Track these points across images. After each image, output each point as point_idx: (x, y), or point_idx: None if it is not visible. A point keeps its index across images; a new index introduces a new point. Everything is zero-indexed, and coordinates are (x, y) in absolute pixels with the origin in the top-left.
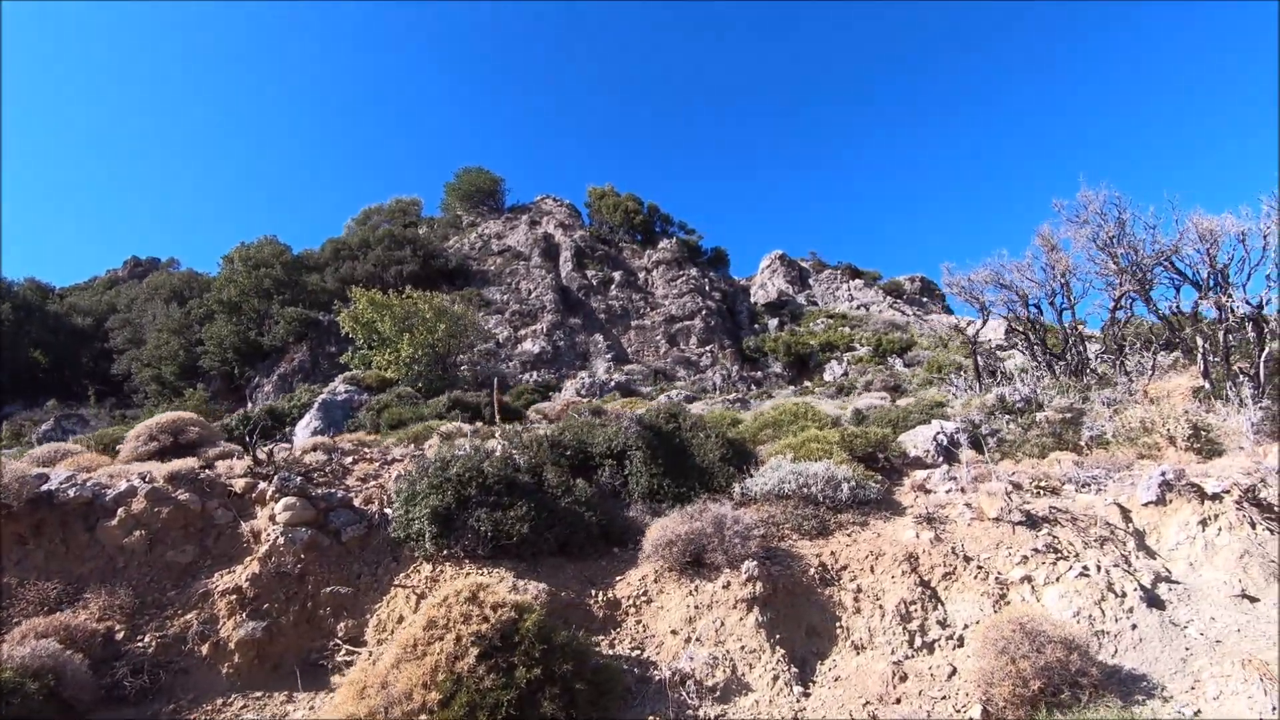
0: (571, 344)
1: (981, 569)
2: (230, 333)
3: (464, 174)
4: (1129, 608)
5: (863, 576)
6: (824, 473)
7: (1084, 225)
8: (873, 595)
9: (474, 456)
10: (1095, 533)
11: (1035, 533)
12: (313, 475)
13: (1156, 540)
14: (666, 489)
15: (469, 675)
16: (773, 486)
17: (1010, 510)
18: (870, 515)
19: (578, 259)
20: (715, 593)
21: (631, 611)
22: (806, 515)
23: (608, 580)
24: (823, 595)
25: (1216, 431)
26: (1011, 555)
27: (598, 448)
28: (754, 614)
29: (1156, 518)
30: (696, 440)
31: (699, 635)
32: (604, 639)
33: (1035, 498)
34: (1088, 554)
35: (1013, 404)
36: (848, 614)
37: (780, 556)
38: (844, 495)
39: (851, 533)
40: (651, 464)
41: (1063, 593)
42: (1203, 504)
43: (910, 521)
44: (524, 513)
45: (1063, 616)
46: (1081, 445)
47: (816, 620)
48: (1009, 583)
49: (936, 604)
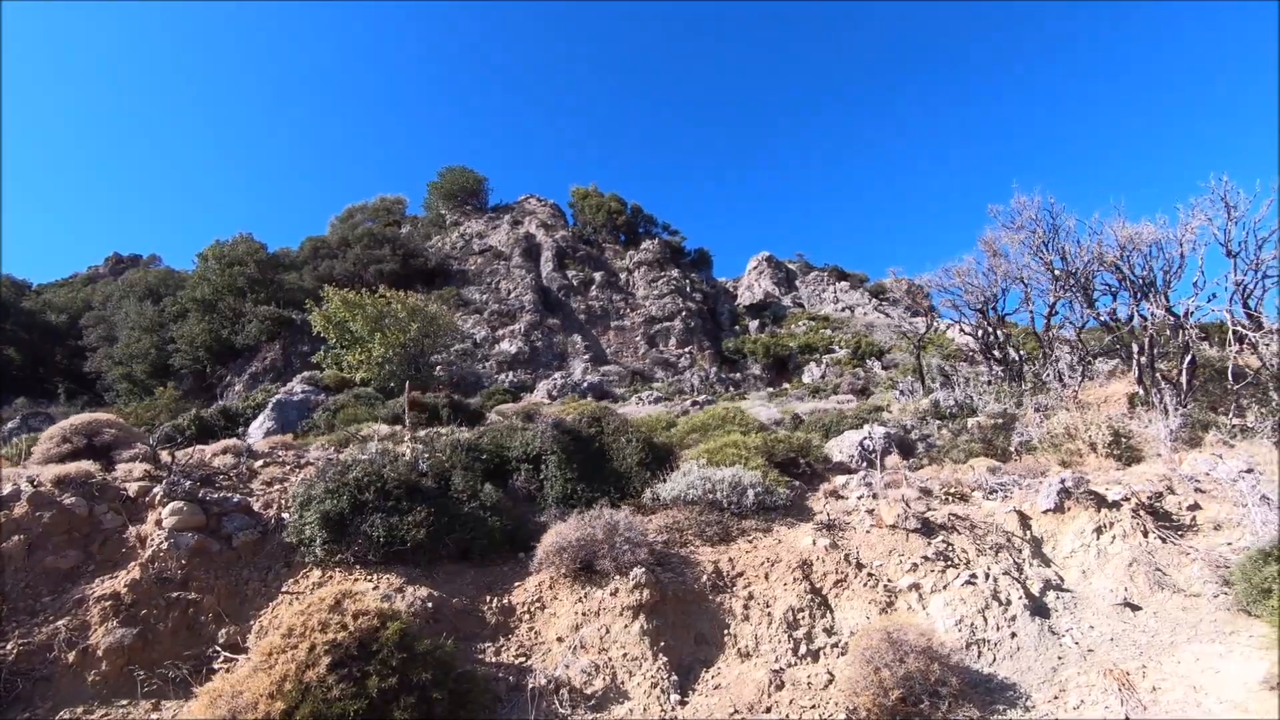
0: (549, 344)
1: (872, 576)
2: (202, 331)
3: (447, 173)
4: (1011, 616)
5: (757, 584)
6: (730, 479)
7: (1019, 230)
8: (764, 603)
9: (376, 461)
10: (991, 540)
11: (929, 540)
12: (215, 479)
13: (1053, 548)
14: (580, 494)
15: (318, 685)
16: (679, 492)
17: (906, 517)
18: (776, 521)
19: (559, 259)
20: (603, 600)
21: (525, 618)
22: (710, 521)
23: (506, 586)
24: (714, 602)
25: (1137, 438)
26: (903, 563)
27: (514, 452)
28: (639, 621)
29: (1055, 525)
30: (617, 445)
31: (584, 642)
32: (491, 646)
33: (943, 504)
34: (980, 561)
35: (946, 409)
36: (737, 621)
37: (675, 563)
38: (749, 501)
39: (753, 539)
40: (566, 468)
41: (947, 601)
42: (1099, 512)
43: (811, 529)
44: (422, 518)
45: (945, 625)
46: (1011, 451)
47: (706, 628)
48: (897, 590)
49: (826, 611)
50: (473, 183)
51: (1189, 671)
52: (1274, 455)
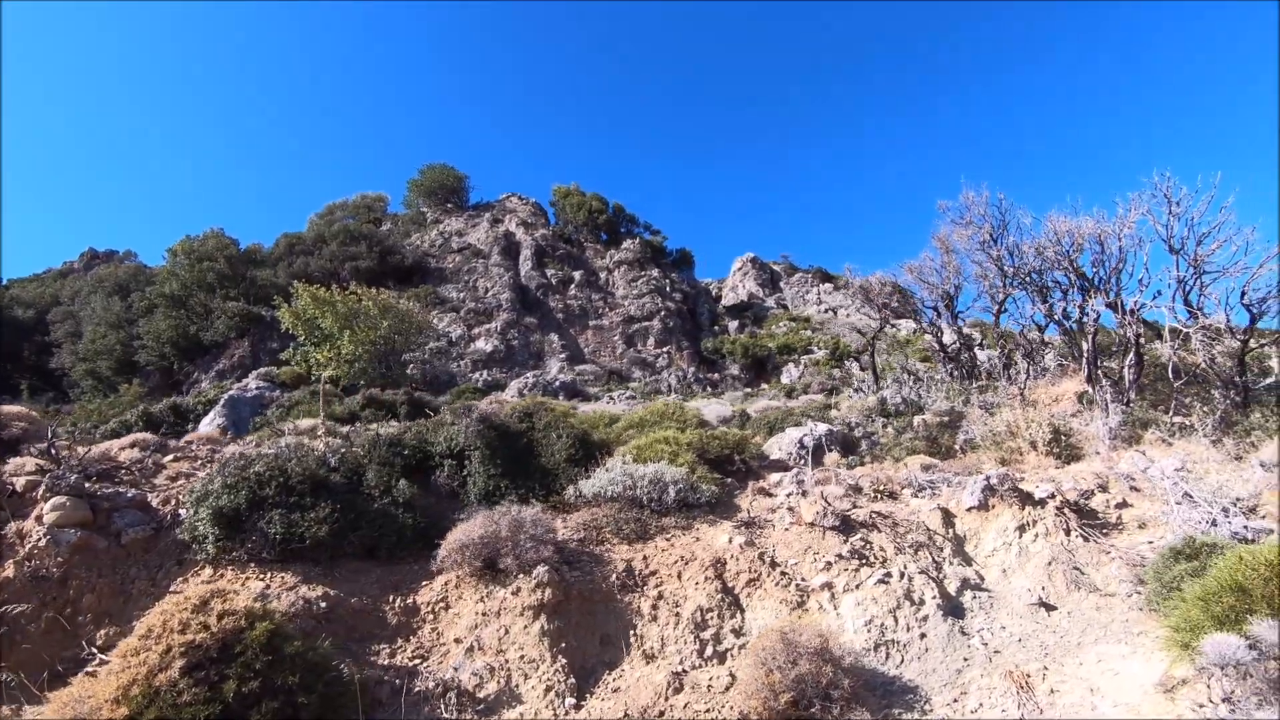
0: (526, 343)
1: (786, 575)
2: (168, 327)
3: (428, 170)
4: (923, 616)
5: (669, 583)
6: (653, 475)
7: (968, 226)
8: (673, 602)
9: (282, 455)
10: (912, 538)
11: (846, 538)
12: (117, 474)
13: (975, 546)
14: (504, 490)
15: (168, 689)
16: (600, 489)
17: (825, 515)
18: (698, 519)
19: (538, 258)
20: (505, 599)
21: (429, 619)
22: (628, 519)
23: (413, 585)
24: (622, 602)
25: (1077, 436)
26: (817, 561)
27: (438, 447)
28: (540, 622)
29: (978, 523)
30: (548, 440)
31: (482, 644)
32: (387, 648)
33: (871, 501)
34: (897, 560)
35: (893, 407)
36: (644, 622)
37: (586, 562)
38: (670, 498)
39: (671, 537)
40: (489, 464)
41: (859, 601)
42: (1023, 510)
43: (730, 527)
44: (325, 515)
45: (854, 625)
46: (956, 449)
47: (613, 628)
48: (810, 590)
49: (737, 611)
50: (453, 180)
51: (1090, 673)
52: (1209, 453)
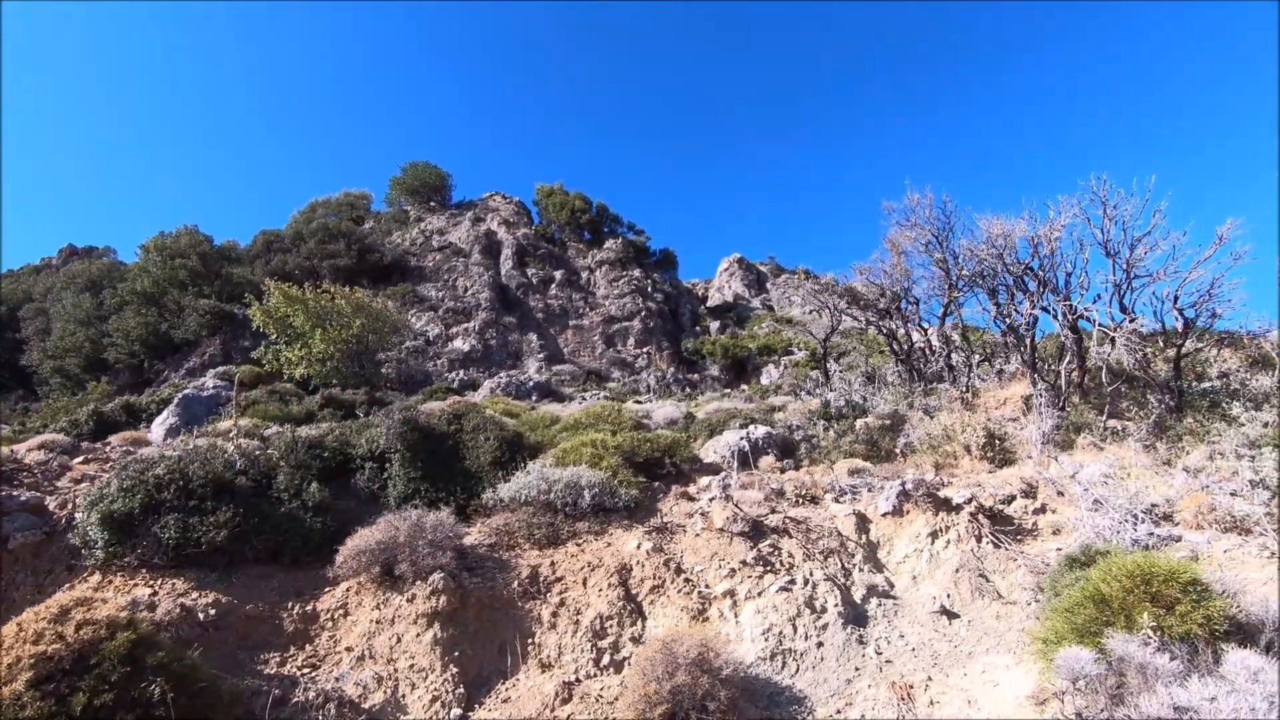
0: (504, 343)
1: (690, 582)
2: (138, 325)
3: (410, 168)
4: (823, 624)
5: (574, 590)
6: (568, 479)
7: (914, 228)
8: (575, 610)
9: (185, 458)
10: (824, 544)
11: (755, 545)
12: (18, 476)
13: (888, 552)
14: (424, 493)
15: (11, 703)
16: (515, 493)
17: (735, 520)
18: (614, 524)
19: (519, 257)
20: (400, 606)
21: (328, 626)
22: (541, 523)
23: (316, 591)
24: (523, 609)
25: (1012, 441)
26: (722, 568)
27: (360, 449)
28: (433, 630)
29: (892, 529)
30: (475, 443)
31: (373, 652)
32: (278, 656)
33: (793, 506)
34: (804, 567)
35: (836, 410)
36: (543, 629)
37: (490, 568)
38: (585, 503)
39: (583, 542)
40: (410, 467)
41: (759, 609)
42: (937, 515)
43: (642, 532)
44: (226, 519)
45: (752, 634)
46: (896, 452)
47: (512, 636)
48: (712, 597)
49: (638, 619)
50: (435, 178)
51: (972, 684)
52: (1139, 458)
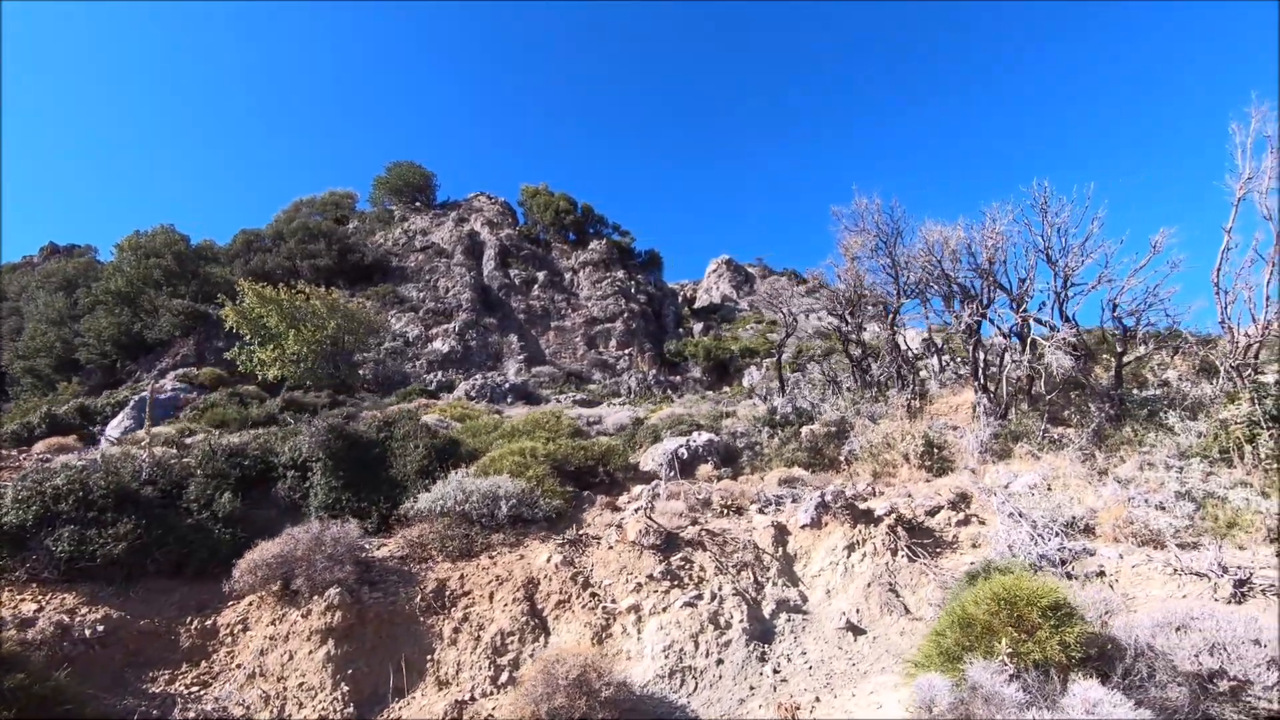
0: (484, 344)
1: (596, 597)
2: (110, 324)
3: (394, 168)
4: (726, 641)
5: (480, 604)
6: (486, 489)
7: (862, 233)
8: (477, 625)
9: (89, 467)
10: (738, 558)
11: (667, 558)
12: None
13: (804, 566)
14: (346, 503)
15: None
16: (432, 503)
17: (647, 533)
18: (532, 536)
19: (502, 258)
20: (295, 622)
21: (227, 642)
22: (456, 535)
23: (220, 605)
24: (424, 625)
25: (950, 449)
26: (629, 582)
27: (283, 458)
28: (326, 647)
29: (811, 541)
30: (404, 451)
31: (265, 670)
32: (167, 674)
33: (717, 517)
34: (715, 581)
35: (782, 417)
36: (443, 645)
37: (394, 581)
38: (503, 514)
39: (497, 555)
40: (332, 476)
41: (662, 625)
42: (854, 528)
43: (555, 544)
44: (125, 531)
45: (653, 650)
46: (840, 460)
47: (412, 652)
48: (616, 612)
49: (541, 635)
50: (419, 178)
51: (858, 705)
52: (1074, 468)
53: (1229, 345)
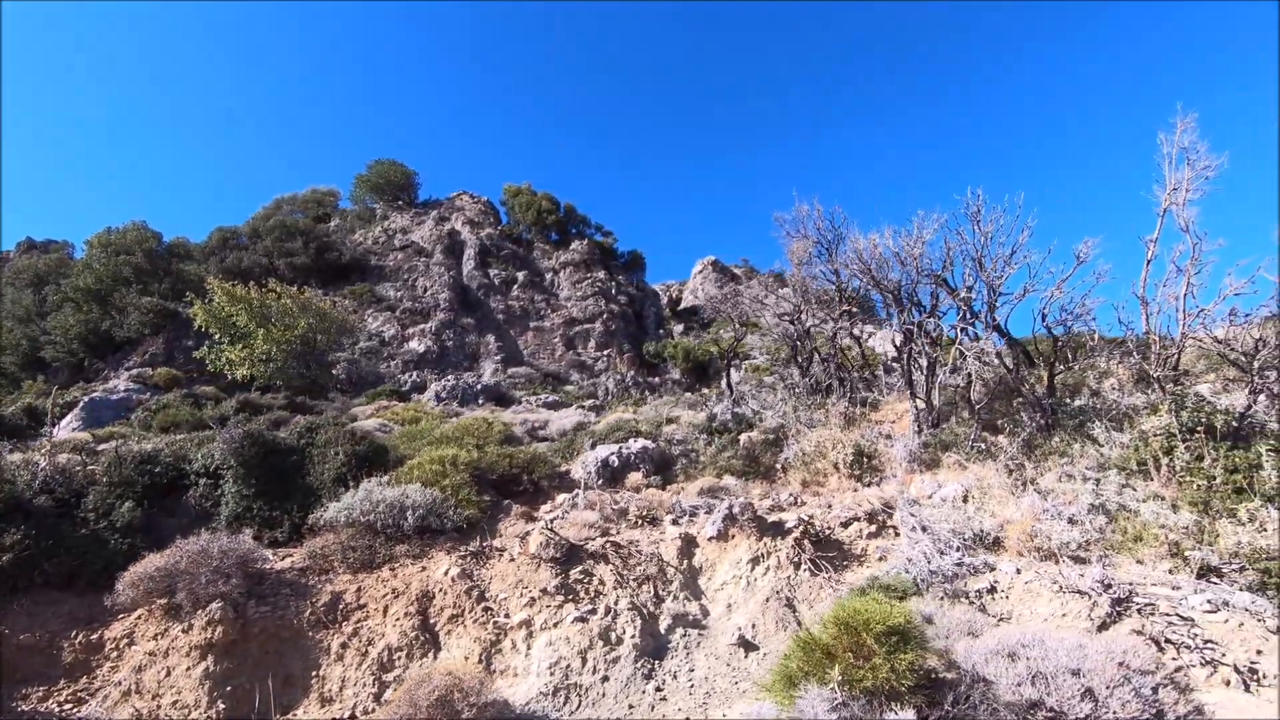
0: (461, 344)
1: (490, 611)
2: (78, 322)
3: (376, 166)
4: (615, 658)
5: (373, 618)
6: (392, 499)
7: (804, 239)
8: (367, 640)
9: None
10: (641, 571)
11: (565, 571)
12: None
13: (709, 579)
14: (257, 512)
15: None
16: (337, 513)
17: (548, 545)
18: (439, 547)
19: (482, 257)
20: (176, 637)
21: (112, 656)
22: (358, 546)
23: (110, 619)
24: (313, 639)
25: (881, 458)
26: (524, 596)
27: (195, 465)
28: (206, 662)
29: (717, 554)
30: (324, 458)
31: (142, 686)
32: (41, 690)
33: (631, 528)
34: (613, 595)
35: (722, 423)
36: (330, 661)
37: (286, 595)
38: (409, 524)
39: (399, 566)
40: (244, 484)
41: (551, 640)
42: (760, 541)
43: (457, 556)
44: (12, 542)
45: (539, 667)
46: (776, 468)
47: (298, 668)
48: (508, 627)
49: (431, 650)
50: (401, 176)
51: None
52: (1000, 479)
53: (1153, 356)
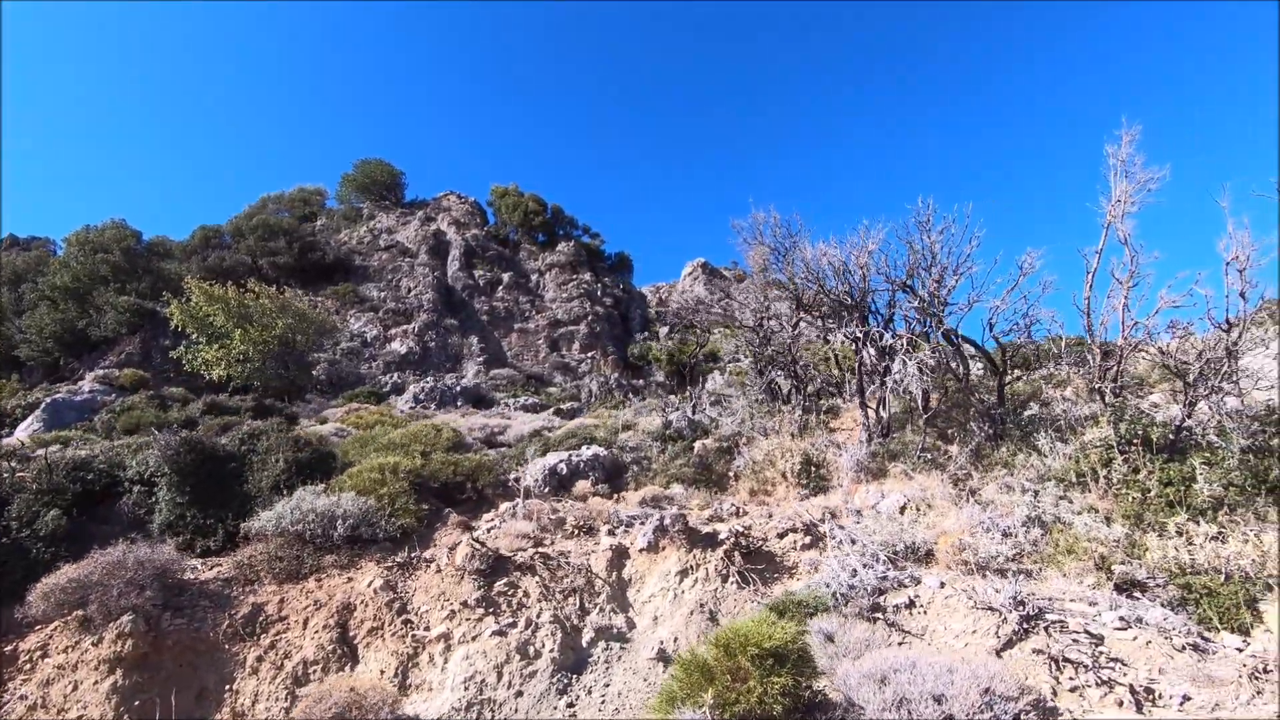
0: (444, 345)
1: (410, 624)
2: (53, 321)
3: (362, 165)
4: (531, 672)
5: (293, 630)
6: (322, 508)
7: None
8: (283, 653)
9: None
10: (569, 583)
11: (490, 583)
12: None
13: (639, 590)
14: (191, 519)
15: None
16: (265, 523)
17: (474, 556)
18: (369, 556)
19: (467, 258)
20: (87, 650)
21: (26, 669)
22: (286, 556)
23: (27, 630)
24: (229, 652)
25: (830, 468)
26: (445, 609)
27: (130, 471)
28: (114, 677)
29: (647, 565)
30: (265, 465)
31: (49, 701)
32: None
33: (567, 539)
34: (537, 607)
35: (676, 430)
36: (244, 675)
37: (205, 607)
38: (338, 534)
39: (325, 578)
40: (178, 491)
41: (468, 654)
42: (690, 552)
43: (384, 567)
44: None
45: (454, 682)
46: (729, 476)
47: (212, 681)
48: (426, 641)
49: (348, 664)
50: (388, 176)
51: None
52: (946, 489)
53: (1095, 367)
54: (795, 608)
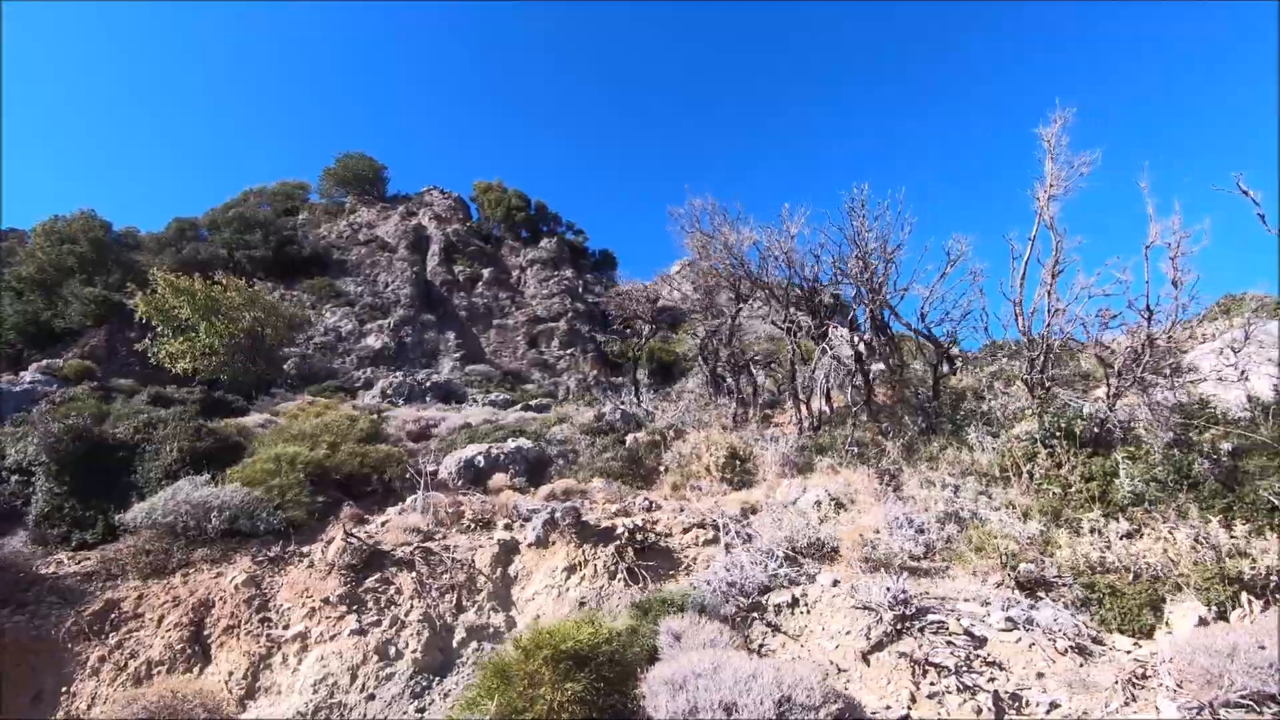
0: (420, 341)
1: (268, 622)
2: (15, 313)
3: (344, 159)
4: (388, 674)
5: (146, 628)
6: (198, 500)
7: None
8: (130, 652)
9: None
10: (449, 579)
11: (360, 579)
12: None
13: (524, 587)
14: (68, 511)
15: None
16: (136, 515)
17: (344, 551)
18: (244, 551)
19: (446, 253)
20: None
21: None
22: (154, 550)
23: None
24: (71, 652)
25: (756, 461)
26: (305, 606)
27: (8, 460)
28: None
29: (536, 561)
30: (159, 455)
31: None
32: None
33: (461, 533)
34: (407, 605)
35: (608, 424)
36: (84, 676)
37: (52, 603)
38: (213, 527)
39: (192, 573)
40: (56, 481)
41: (323, 655)
42: (579, 548)
43: (252, 563)
44: None
45: (305, 683)
46: (659, 470)
47: (51, 683)
48: (283, 640)
49: (199, 664)
50: (369, 170)
51: None
52: (871, 484)
53: (1024, 358)
54: (660, 606)
